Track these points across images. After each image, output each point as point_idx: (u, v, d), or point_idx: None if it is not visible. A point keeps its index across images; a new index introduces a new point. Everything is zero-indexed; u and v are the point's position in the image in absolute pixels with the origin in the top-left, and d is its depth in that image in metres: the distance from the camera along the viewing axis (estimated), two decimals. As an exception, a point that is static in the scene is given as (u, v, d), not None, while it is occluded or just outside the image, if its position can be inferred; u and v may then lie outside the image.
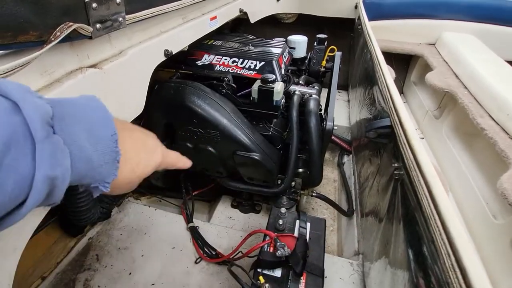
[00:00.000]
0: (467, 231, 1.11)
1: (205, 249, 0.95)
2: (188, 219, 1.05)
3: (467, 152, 1.27)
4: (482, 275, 0.27)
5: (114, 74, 0.54)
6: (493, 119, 1.11)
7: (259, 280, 0.65)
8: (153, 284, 0.86)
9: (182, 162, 0.42)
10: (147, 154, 0.34)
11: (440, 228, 0.34)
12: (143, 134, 0.36)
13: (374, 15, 1.79)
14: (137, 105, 0.64)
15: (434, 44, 1.88)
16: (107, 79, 0.53)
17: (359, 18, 1.55)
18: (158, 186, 1.15)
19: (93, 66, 0.51)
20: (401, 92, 2.15)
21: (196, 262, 0.92)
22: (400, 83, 2.12)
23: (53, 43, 0.40)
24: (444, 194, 0.36)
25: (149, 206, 1.12)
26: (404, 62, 2.03)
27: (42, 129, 0.21)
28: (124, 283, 0.86)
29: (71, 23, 0.42)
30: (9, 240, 0.38)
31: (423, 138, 1.67)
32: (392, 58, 1.89)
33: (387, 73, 0.78)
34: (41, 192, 0.22)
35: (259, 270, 0.68)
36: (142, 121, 1.00)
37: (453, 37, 1.72)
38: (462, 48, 1.56)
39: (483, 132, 1.06)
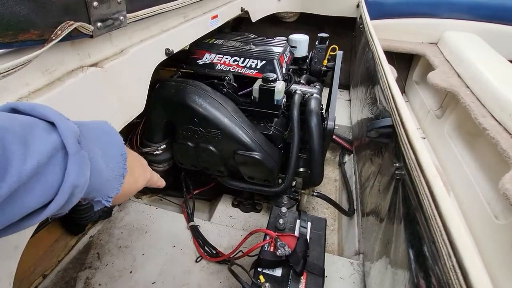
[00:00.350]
0: (468, 232, 1.11)
1: (206, 248, 0.95)
2: (189, 218, 1.05)
3: (468, 152, 1.26)
4: (483, 276, 0.27)
5: (115, 73, 0.54)
6: (495, 119, 1.10)
7: (260, 280, 0.65)
8: (153, 283, 0.86)
9: (160, 181, 0.49)
10: (143, 171, 0.41)
11: (441, 228, 0.33)
12: (137, 155, 0.42)
13: (376, 14, 1.78)
14: (138, 104, 0.64)
15: (436, 44, 1.87)
16: (108, 78, 0.53)
17: (360, 17, 1.54)
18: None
19: (94, 65, 0.51)
20: (403, 91, 2.14)
21: (196, 261, 0.92)
22: (402, 82, 2.11)
23: (54, 41, 0.40)
24: (445, 195, 0.36)
25: (150, 205, 1.12)
26: (406, 62, 2.02)
27: (74, 145, 0.25)
28: (125, 282, 0.87)
29: (72, 22, 0.42)
30: (10, 239, 0.38)
31: (424, 138, 1.66)
32: (394, 57, 1.88)
33: (389, 73, 0.77)
34: (64, 198, 0.25)
35: (259, 269, 0.68)
36: (143, 120, 1.00)
37: (456, 36, 1.71)
38: (464, 47, 1.55)
39: (485, 132, 1.06)
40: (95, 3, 0.46)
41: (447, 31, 1.79)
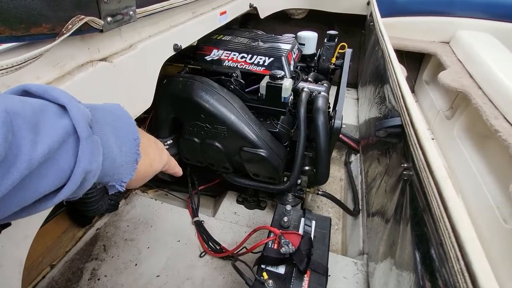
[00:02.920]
0: (476, 235, 1.09)
1: (210, 243, 0.96)
2: (194, 213, 1.06)
3: (478, 154, 1.24)
4: (491, 280, 0.26)
5: (124, 67, 0.55)
6: (508, 121, 1.08)
7: (263, 276, 0.65)
8: (158, 276, 0.88)
9: (177, 168, 0.47)
10: (159, 154, 0.39)
11: (449, 231, 0.33)
12: (153, 138, 0.40)
13: (387, 12, 1.75)
14: (146, 99, 0.65)
15: (448, 43, 1.82)
16: (117, 72, 0.53)
17: (371, 14, 1.52)
18: (165, 180, 1.16)
19: (104, 59, 0.52)
20: (412, 91, 2.10)
21: (200, 256, 0.93)
22: (412, 82, 2.08)
23: (65, 35, 0.40)
24: (455, 197, 0.35)
25: (155, 200, 1.14)
26: (416, 61, 1.98)
27: (86, 129, 0.25)
28: (130, 274, 0.88)
29: (82, 16, 0.43)
30: (21, 229, 0.39)
31: (433, 139, 1.63)
32: (404, 56, 1.85)
33: (399, 71, 0.76)
34: (77, 183, 0.25)
35: (263, 266, 0.69)
36: (150, 115, 1.01)
37: (469, 35, 1.67)
38: (477, 47, 1.51)
39: (497, 134, 1.03)
40: (105, -2, 0.47)
41: (460, 30, 1.75)
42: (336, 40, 1.24)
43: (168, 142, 1.01)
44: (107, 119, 0.30)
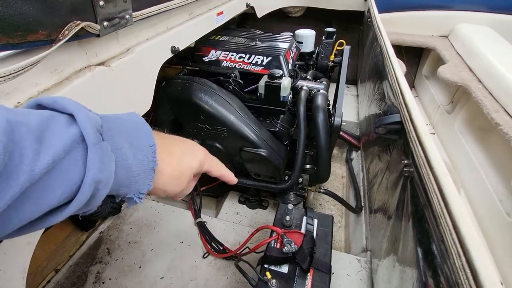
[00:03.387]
0: (479, 229, 1.09)
1: (213, 244, 0.96)
2: (196, 214, 1.06)
3: (480, 148, 1.23)
4: (493, 276, 0.26)
5: (122, 71, 0.55)
6: (508, 114, 1.07)
7: (266, 276, 0.65)
8: (162, 278, 0.88)
9: (226, 171, 0.42)
10: (190, 149, 0.37)
11: (450, 227, 0.33)
12: (180, 138, 0.38)
13: (385, 7, 1.74)
14: (145, 102, 0.65)
15: (447, 37, 1.82)
16: (115, 76, 0.53)
17: (368, 10, 1.51)
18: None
19: (101, 64, 0.52)
20: (412, 86, 2.10)
21: (203, 257, 0.93)
22: (411, 77, 2.07)
23: (62, 41, 0.40)
24: (455, 193, 0.35)
25: (157, 202, 1.14)
26: (415, 55, 1.97)
27: (94, 135, 0.24)
28: (134, 276, 0.89)
29: (79, 22, 0.43)
30: (23, 235, 0.39)
31: (434, 134, 1.63)
32: (403, 51, 1.84)
33: (398, 67, 0.76)
34: (87, 194, 0.23)
35: (266, 265, 0.69)
36: (150, 117, 1.01)
37: (468, 29, 1.66)
38: (477, 40, 1.50)
39: (498, 128, 1.03)
40: (101, 2, 0.47)
41: (459, 24, 1.74)
42: (334, 37, 1.24)
43: (169, 144, 1.01)
44: (121, 126, 0.29)
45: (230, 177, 0.44)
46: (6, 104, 0.38)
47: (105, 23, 0.49)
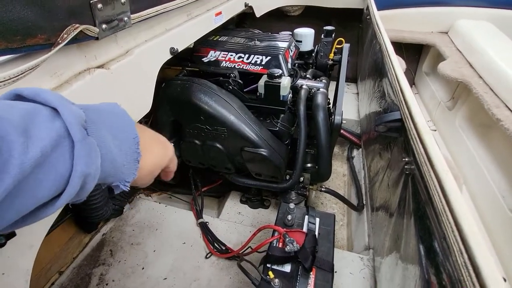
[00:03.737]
0: (482, 225, 1.09)
1: (215, 244, 0.96)
2: (198, 215, 1.07)
3: (481, 144, 1.23)
4: (496, 273, 0.26)
5: (121, 73, 0.55)
6: (509, 109, 1.07)
7: (269, 275, 0.65)
8: (165, 279, 0.88)
9: (174, 170, 0.45)
10: (163, 148, 0.38)
11: (452, 224, 0.33)
12: (155, 133, 0.39)
13: (384, 4, 1.74)
14: (145, 103, 0.65)
15: (447, 33, 1.81)
16: (114, 79, 0.53)
17: (367, 8, 1.51)
18: (168, 183, 1.17)
19: (101, 66, 0.52)
20: (412, 83, 2.09)
21: (206, 257, 0.94)
22: (411, 74, 2.06)
23: (61, 45, 0.40)
24: (456, 190, 0.35)
25: (159, 203, 1.14)
26: (415, 52, 1.96)
27: (79, 131, 0.24)
28: (137, 277, 0.89)
29: (77, 25, 0.43)
30: (25, 238, 0.39)
31: (435, 130, 1.62)
32: (403, 48, 1.84)
33: (397, 65, 0.76)
34: (76, 187, 0.24)
35: (268, 265, 0.69)
36: (150, 119, 1.02)
37: (468, 24, 1.65)
38: (477, 35, 1.50)
39: (499, 123, 1.02)
40: (99, 5, 0.47)
41: (459, 20, 1.73)
42: (333, 35, 1.24)
43: (169, 145, 1.01)
44: (103, 118, 0.29)
45: (170, 177, 0.46)
46: (6, 108, 0.38)
47: (104, 26, 0.49)
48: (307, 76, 1.10)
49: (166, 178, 0.45)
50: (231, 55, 0.99)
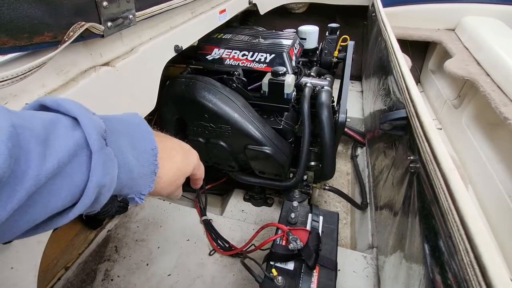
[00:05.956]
0: (488, 225, 1.07)
1: (219, 241, 0.97)
2: (202, 212, 1.07)
3: (488, 143, 1.21)
4: (502, 272, 0.26)
5: (126, 71, 0.55)
6: (517, 107, 1.05)
7: (272, 273, 0.66)
8: (169, 275, 0.89)
9: (202, 177, 0.44)
10: (185, 156, 0.37)
11: (458, 223, 0.32)
12: (177, 141, 0.39)
13: (389, 1, 1.72)
14: (150, 101, 0.65)
15: (453, 30, 1.78)
16: (119, 76, 0.54)
17: (373, 5, 1.49)
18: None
19: (106, 64, 0.52)
20: (418, 81, 2.07)
21: (210, 254, 0.94)
22: (417, 71, 2.04)
23: (67, 43, 0.41)
24: (462, 189, 0.35)
25: (163, 200, 1.15)
26: (421, 50, 1.94)
27: (98, 141, 0.24)
28: (142, 274, 0.90)
29: (83, 23, 0.43)
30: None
31: (441, 129, 1.61)
32: (408, 45, 1.81)
33: (403, 62, 0.75)
34: (91, 198, 0.24)
35: (271, 263, 0.69)
36: (154, 116, 1.02)
37: (475, 21, 1.63)
38: (484, 32, 1.47)
39: (507, 122, 1.01)
40: (105, 3, 0.47)
41: (466, 16, 1.70)
42: (337, 32, 1.23)
43: (174, 143, 1.01)
44: (123, 128, 0.29)
45: (199, 184, 0.46)
46: (14, 106, 0.38)
47: (109, 24, 0.49)
48: (311, 74, 1.09)
49: (195, 186, 0.45)
50: (235, 53, 0.99)
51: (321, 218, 0.80)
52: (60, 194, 0.22)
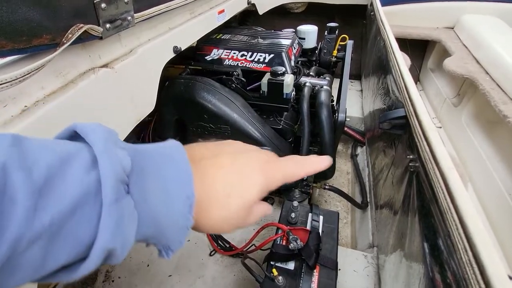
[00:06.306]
0: (488, 224, 1.08)
1: (219, 242, 0.97)
2: (202, 212, 1.07)
3: (488, 141, 1.21)
4: (501, 271, 0.26)
5: (125, 73, 0.55)
6: (517, 105, 1.05)
7: (272, 273, 0.66)
8: (170, 276, 0.89)
9: (300, 169, 0.30)
10: (239, 195, 0.26)
11: (456, 222, 0.32)
12: (230, 167, 0.27)
13: (388, 0, 1.72)
14: (149, 102, 0.65)
15: (452, 28, 1.78)
16: (118, 78, 0.54)
17: (371, 4, 1.49)
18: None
19: (105, 66, 0.53)
20: (418, 79, 2.07)
21: (210, 255, 0.94)
22: (416, 70, 2.04)
23: (66, 45, 0.41)
24: (461, 188, 0.35)
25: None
26: (420, 48, 1.94)
27: (114, 190, 0.19)
28: (143, 274, 0.90)
29: (81, 25, 0.43)
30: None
31: (441, 127, 1.61)
32: (408, 44, 1.81)
33: (401, 62, 0.75)
34: (96, 263, 0.19)
35: (272, 262, 0.69)
36: (154, 118, 1.02)
37: (474, 19, 1.62)
38: (483, 31, 1.47)
39: (506, 120, 1.01)
40: (103, 5, 0.47)
41: (465, 14, 1.70)
42: (336, 32, 1.23)
43: (173, 144, 1.02)
44: (155, 165, 0.23)
45: (308, 166, 0.30)
46: (13, 108, 0.38)
47: (108, 25, 0.49)
48: (311, 73, 1.09)
49: (313, 171, 0.33)
50: (234, 53, 0.99)
51: (321, 217, 0.80)
52: (59, 257, 0.17)
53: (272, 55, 0.96)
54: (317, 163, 0.30)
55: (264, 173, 0.28)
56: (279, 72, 0.86)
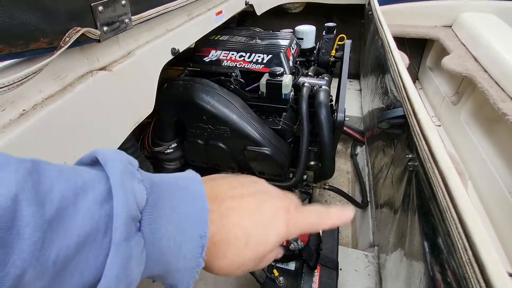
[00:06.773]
0: (489, 222, 1.08)
1: (220, 243, 0.97)
2: (202, 214, 1.07)
3: (487, 139, 1.21)
4: (501, 270, 0.26)
5: (123, 75, 0.55)
6: (515, 103, 1.05)
7: (273, 273, 0.66)
8: (171, 277, 0.89)
9: (335, 217, 0.28)
10: (263, 233, 0.25)
11: (456, 221, 0.32)
12: (259, 203, 0.26)
13: (386, -1, 1.72)
14: (148, 104, 0.65)
15: (450, 26, 1.78)
16: (117, 80, 0.54)
17: (369, 3, 1.49)
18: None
19: (103, 68, 0.53)
20: (416, 78, 2.07)
21: (211, 256, 0.94)
22: (415, 69, 2.04)
23: (63, 48, 0.41)
24: (460, 187, 0.35)
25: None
26: (418, 47, 1.94)
27: (125, 228, 0.18)
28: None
29: (79, 28, 0.43)
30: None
31: (440, 126, 1.61)
32: (406, 43, 1.82)
33: (400, 61, 0.75)
34: None
35: (273, 263, 0.69)
36: (153, 119, 1.02)
37: (472, 17, 1.63)
38: (481, 29, 1.47)
39: (505, 117, 1.01)
40: (100, 8, 0.47)
41: (463, 13, 1.70)
42: (335, 32, 1.23)
43: (173, 146, 1.02)
44: (171, 199, 0.21)
45: (331, 219, 0.28)
46: (12, 112, 0.38)
47: (105, 28, 0.49)
48: (309, 73, 1.09)
49: (335, 225, 0.30)
50: (232, 54, 0.99)
51: (321, 217, 0.80)
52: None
53: (270, 56, 0.96)
54: (341, 216, 0.28)
55: (286, 223, 0.26)
56: (278, 73, 0.86)
